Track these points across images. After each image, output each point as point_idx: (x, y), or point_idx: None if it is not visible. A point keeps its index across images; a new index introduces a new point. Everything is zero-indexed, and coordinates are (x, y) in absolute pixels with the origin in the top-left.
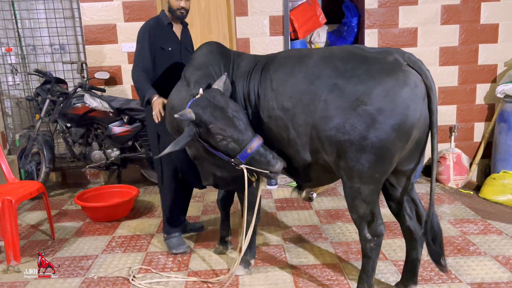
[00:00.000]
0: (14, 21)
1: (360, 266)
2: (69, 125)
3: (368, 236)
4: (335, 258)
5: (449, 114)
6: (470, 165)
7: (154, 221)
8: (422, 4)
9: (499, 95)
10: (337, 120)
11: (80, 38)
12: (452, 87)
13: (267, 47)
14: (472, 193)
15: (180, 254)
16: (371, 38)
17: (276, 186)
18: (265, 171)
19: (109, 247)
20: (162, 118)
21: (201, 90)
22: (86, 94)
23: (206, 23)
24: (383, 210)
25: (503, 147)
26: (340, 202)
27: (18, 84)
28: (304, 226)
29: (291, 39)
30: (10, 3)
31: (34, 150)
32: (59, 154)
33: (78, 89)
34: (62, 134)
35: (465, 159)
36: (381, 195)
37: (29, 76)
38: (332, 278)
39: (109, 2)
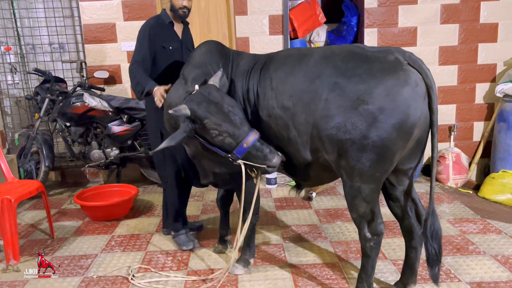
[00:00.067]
0: (13, 20)
1: (359, 265)
2: (68, 124)
3: (368, 235)
4: (335, 257)
5: (448, 114)
6: (470, 164)
7: (154, 220)
8: (421, 3)
9: (499, 95)
10: (338, 119)
11: (79, 37)
12: (451, 87)
13: (267, 46)
14: (471, 192)
15: (189, 250)
16: (371, 37)
17: (275, 185)
18: (262, 166)
19: (108, 246)
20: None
21: (196, 87)
22: (86, 93)
23: (206, 22)
24: (383, 209)
25: (503, 147)
26: (339, 202)
27: (18, 83)
28: (303, 225)
29: (291, 38)
30: (10, 2)
31: (34, 149)
32: (59, 153)
33: (78, 88)
34: (61, 133)
35: (464, 159)
36: (380, 195)
37: (28, 75)
38: (331, 277)
39: (108, 1)
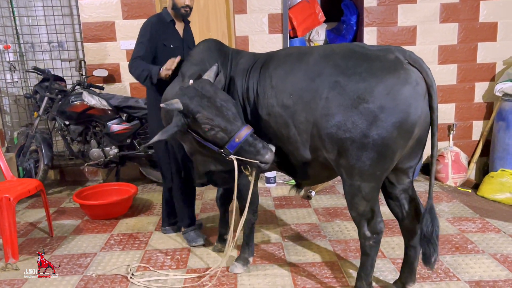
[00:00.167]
0: (12, 18)
1: (358, 264)
2: (67, 122)
3: (367, 233)
4: (334, 256)
5: (447, 112)
6: (469, 163)
7: (153, 219)
8: (421, 2)
9: (498, 94)
10: (338, 117)
11: (78, 36)
12: (450, 86)
13: (266, 45)
14: (470, 191)
15: (198, 246)
16: (370, 36)
17: (275, 184)
18: (254, 161)
19: (107, 245)
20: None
21: (191, 81)
22: (85, 92)
23: (205, 21)
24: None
25: (502, 146)
26: (338, 200)
27: (16, 81)
28: (302, 224)
29: (290, 37)
30: (9, 0)
31: (33, 147)
32: (58, 151)
33: (77, 86)
34: (60, 131)
35: (463, 158)
36: (380, 193)
37: (27, 73)
38: (330, 276)
39: (107, 0)
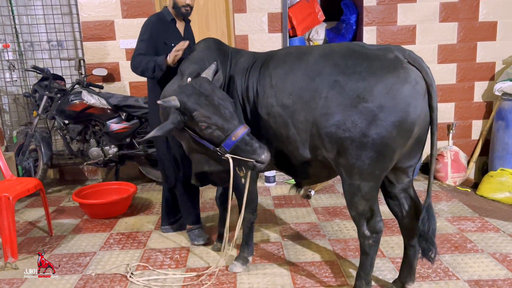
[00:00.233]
0: (12, 17)
1: (357, 263)
2: (66, 121)
3: (367, 232)
4: (333, 255)
5: (447, 112)
6: (468, 162)
7: (152, 218)
8: (420, 1)
9: (497, 93)
10: (337, 117)
11: (77, 35)
12: (450, 85)
13: (266, 44)
14: (469, 190)
15: (198, 245)
16: (370, 35)
17: (274, 184)
18: (250, 160)
19: (107, 244)
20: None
21: (189, 79)
22: (84, 91)
23: (204, 20)
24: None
25: (501, 145)
26: (338, 200)
27: (16, 80)
28: (302, 223)
29: (290, 36)
30: None
31: (32, 147)
32: (57, 151)
33: (76, 85)
34: (59, 131)
35: (462, 157)
36: (379, 193)
37: (26, 72)
38: (329, 275)
39: None
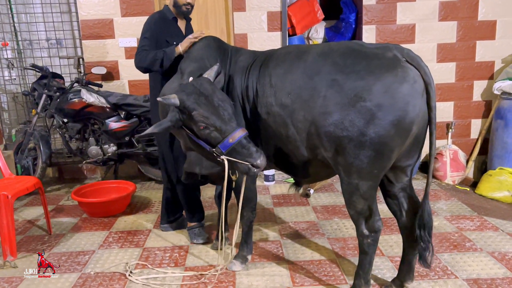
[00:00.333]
0: (10, 15)
1: (356, 262)
2: (65, 120)
3: (365, 231)
4: (332, 254)
5: (446, 111)
6: (467, 161)
7: (151, 216)
8: (420, 0)
9: (496, 92)
10: (336, 116)
11: (77, 33)
12: (449, 84)
13: (265, 43)
14: (468, 189)
15: (199, 244)
16: (369, 34)
17: (273, 182)
18: (245, 163)
19: (106, 243)
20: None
21: (191, 79)
22: (83, 89)
23: (204, 18)
24: (380, 206)
25: (500, 144)
26: (337, 198)
27: (15, 79)
28: (301, 222)
29: (289, 35)
30: None
31: (31, 145)
32: (56, 149)
33: (75, 84)
34: (58, 129)
35: (461, 156)
36: (378, 191)
37: (25, 70)
38: (328, 274)
39: None
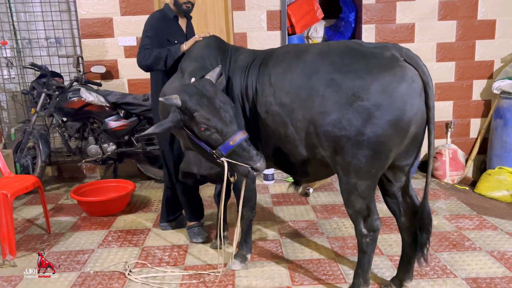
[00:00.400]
0: (9, 14)
1: (356, 261)
2: (65, 119)
3: (364, 231)
4: (331, 253)
5: (445, 110)
6: (466, 161)
7: (151, 215)
8: None
9: (496, 91)
10: (334, 115)
11: (76, 32)
12: (448, 83)
13: (264, 42)
14: (467, 188)
15: (199, 243)
16: (369, 33)
17: (272, 181)
18: (245, 165)
19: (105, 242)
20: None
21: (193, 79)
22: (82, 88)
23: (203, 17)
24: (380, 205)
25: (499, 143)
26: (336, 197)
27: (14, 77)
28: (300, 221)
29: (289, 34)
30: None
31: (30, 144)
32: (55, 148)
33: (74, 83)
34: (58, 128)
35: (461, 155)
36: (377, 191)
37: (24, 69)
38: (328, 273)
39: None
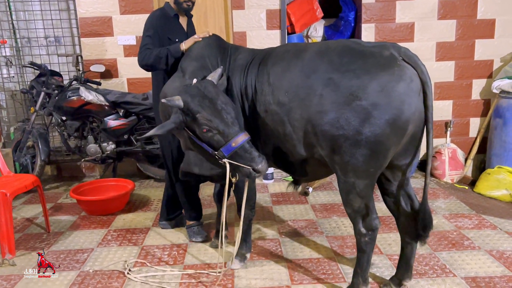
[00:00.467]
0: (9, 13)
1: (355, 260)
2: (64, 118)
3: (362, 230)
4: (331, 252)
5: (445, 109)
6: (465, 160)
7: (150, 214)
8: None
9: (495, 91)
10: (332, 115)
11: (75, 31)
12: (448, 83)
13: (264, 41)
14: (467, 188)
15: (198, 242)
16: (368, 32)
17: (272, 181)
18: (247, 167)
19: (104, 241)
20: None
21: (194, 80)
22: (82, 87)
23: (203, 16)
24: (379, 204)
25: (498, 143)
26: (335, 197)
27: (13, 76)
28: (299, 220)
29: (288, 33)
30: None
31: (29, 143)
32: (54, 147)
33: (74, 82)
34: (57, 127)
35: (460, 154)
36: (377, 190)
37: (24, 68)
38: (327, 272)
39: None
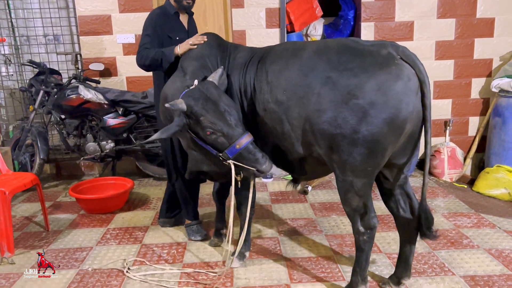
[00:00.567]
0: (8, 11)
1: (354, 258)
2: (63, 116)
3: (361, 229)
4: (330, 251)
5: (444, 108)
6: (464, 159)
7: (149, 213)
8: None
9: (494, 90)
10: (329, 113)
11: (74, 29)
12: (447, 81)
13: (263, 40)
14: (466, 186)
15: (197, 241)
16: (368, 31)
17: (271, 179)
18: (252, 168)
19: (103, 239)
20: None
21: (196, 82)
22: (81, 86)
23: (202, 15)
24: (377, 203)
25: (497, 141)
26: (334, 195)
27: (12, 75)
28: (299, 219)
29: (288, 32)
30: None
31: (28, 141)
32: (53, 145)
33: (73, 80)
34: (56, 125)
35: (459, 153)
36: (375, 188)
37: (22, 67)
38: (326, 271)
39: None
